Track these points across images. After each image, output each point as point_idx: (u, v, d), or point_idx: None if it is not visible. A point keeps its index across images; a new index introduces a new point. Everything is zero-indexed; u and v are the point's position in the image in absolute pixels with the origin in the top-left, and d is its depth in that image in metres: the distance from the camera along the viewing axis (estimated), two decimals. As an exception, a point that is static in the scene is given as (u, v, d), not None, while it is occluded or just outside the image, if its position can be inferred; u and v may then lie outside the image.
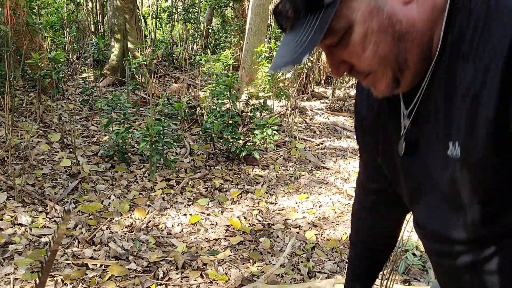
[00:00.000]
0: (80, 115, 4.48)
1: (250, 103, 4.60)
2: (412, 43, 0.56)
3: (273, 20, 8.09)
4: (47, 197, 2.76)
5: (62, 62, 4.56)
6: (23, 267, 2.02)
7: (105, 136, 3.93)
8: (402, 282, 2.23)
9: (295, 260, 2.38)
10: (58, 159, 3.32)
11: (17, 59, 4.43)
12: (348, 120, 5.88)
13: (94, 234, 2.43)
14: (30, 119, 3.99)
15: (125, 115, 3.61)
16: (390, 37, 0.55)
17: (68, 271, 2.05)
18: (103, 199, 2.86)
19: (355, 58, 0.58)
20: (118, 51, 6.27)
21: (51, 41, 6.64)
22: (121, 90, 5.65)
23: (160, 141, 3.25)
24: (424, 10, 0.55)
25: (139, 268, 2.16)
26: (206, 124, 3.91)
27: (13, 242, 2.22)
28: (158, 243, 2.43)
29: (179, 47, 8.87)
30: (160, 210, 2.81)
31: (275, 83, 5.55)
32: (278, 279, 2.20)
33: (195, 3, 9.58)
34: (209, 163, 3.79)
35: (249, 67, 6.47)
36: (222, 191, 3.24)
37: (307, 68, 6.77)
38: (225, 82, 3.98)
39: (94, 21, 8.40)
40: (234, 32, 9.31)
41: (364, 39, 0.56)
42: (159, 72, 6.83)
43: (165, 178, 3.32)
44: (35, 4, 6.35)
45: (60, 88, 4.44)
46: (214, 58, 5.86)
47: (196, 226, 2.68)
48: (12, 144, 3.20)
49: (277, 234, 2.68)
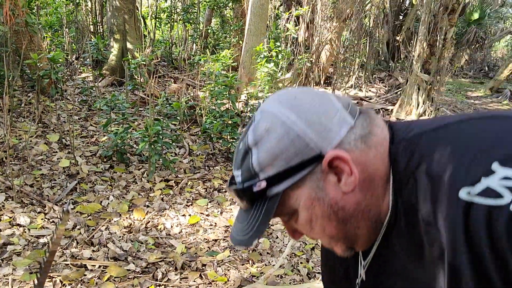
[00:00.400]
0: (79, 115, 4.47)
1: (249, 103, 4.59)
2: (359, 221, 0.60)
3: (272, 20, 8.09)
4: (46, 198, 2.75)
5: (61, 62, 4.55)
6: (22, 268, 2.02)
7: (104, 137, 3.92)
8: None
9: (295, 261, 2.38)
10: (56, 159, 3.31)
11: (16, 59, 4.42)
12: (348, 121, 5.88)
13: (92, 234, 2.42)
14: (29, 119, 3.98)
15: (124, 115, 3.60)
16: (335, 221, 0.59)
17: (66, 272, 2.05)
18: (102, 199, 2.86)
19: (306, 233, 0.63)
20: (117, 51, 6.26)
21: (50, 41, 6.63)
22: (120, 90, 5.64)
23: (159, 141, 3.25)
24: (367, 190, 0.58)
25: (138, 269, 2.16)
26: (205, 125, 3.90)
27: (12, 242, 2.21)
28: (157, 243, 2.43)
29: (178, 47, 8.87)
30: (159, 210, 2.81)
31: (275, 83, 5.54)
32: (278, 280, 2.19)
33: (194, 3, 9.57)
34: (208, 163, 3.78)
35: (248, 67, 6.47)
36: (221, 192, 3.24)
37: (306, 68, 6.77)
38: (225, 82, 3.97)
39: (93, 21, 8.40)
40: (233, 32, 9.31)
41: (310, 222, 0.60)
42: (158, 72, 6.82)
43: (164, 178, 3.31)
44: (34, 4, 6.35)
45: (59, 88, 4.43)
46: (213, 58, 5.85)
47: (195, 226, 2.67)
48: (11, 144, 3.19)
49: (276, 234, 2.68)
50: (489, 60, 17.48)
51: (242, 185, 0.60)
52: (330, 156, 0.56)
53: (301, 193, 0.58)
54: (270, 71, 5.45)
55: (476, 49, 14.23)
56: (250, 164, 0.58)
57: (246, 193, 0.60)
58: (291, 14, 6.69)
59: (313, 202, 0.58)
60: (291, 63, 6.91)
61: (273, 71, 5.47)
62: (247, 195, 0.60)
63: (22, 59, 4.06)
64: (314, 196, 0.58)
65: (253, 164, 0.58)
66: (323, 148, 0.56)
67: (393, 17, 11.41)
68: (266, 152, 0.57)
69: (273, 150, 0.57)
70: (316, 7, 7.48)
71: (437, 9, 5.76)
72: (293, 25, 6.46)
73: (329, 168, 0.57)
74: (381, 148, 0.58)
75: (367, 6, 9.52)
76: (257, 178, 0.58)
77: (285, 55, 5.94)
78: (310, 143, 0.56)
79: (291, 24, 6.45)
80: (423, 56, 5.94)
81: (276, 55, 5.71)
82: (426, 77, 5.90)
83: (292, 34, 6.36)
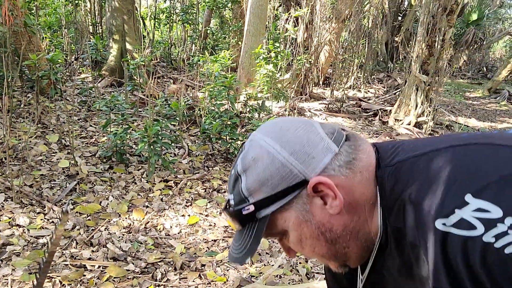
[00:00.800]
0: (78, 116, 4.47)
1: (248, 104, 4.60)
2: (348, 242, 0.64)
3: (271, 21, 8.10)
4: (45, 198, 2.75)
5: (60, 63, 4.55)
6: (21, 268, 2.02)
7: (103, 137, 3.92)
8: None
9: (294, 261, 2.39)
10: (56, 160, 3.32)
11: (15, 60, 4.42)
12: (346, 121, 5.89)
13: (92, 235, 2.42)
14: (28, 120, 3.98)
15: (123, 116, 3.60)
16: (324, 241, 0.64)
17: (66, 272, 2.05)
18: (101, 200, 2.86)
19: (299, 251, 0.68)
20: (117, 52, 6.26)
21: (49, 42, 6.63)
22: (119, 91, 5.64)
23: (158, 142, 3.25)
24: (354, 212, 0.62)
25: (137, 269, 2.16)
26: (204, 125, 3.91)
27: (11, 243, 2.21)
28: (156, 244, 2.43)
29: (177, 48, 8.88)
30: (158, 211, 2.81)
31: (274, 84, 5.55)
32: (277, 280, 2.20)
33: (193, 4, 9.58)
34: (207, 164, 3.79)
35: (247, 68, 6.47)
36: (220, 192, 3.24)
37: (305, 69, 6.77)
38: (224, 83, 3.98)
39: (92, 22, 8.40)
40: (232, 33, 9.32)
41: (300, 242, 0.65)
42: (157, 73, 6.83)
43: (164, 179, 3.31)
44: (33, 5, 6.35)
45: (58, 89, 4.44)
46: (212, 59, 5.86)
47: (194, 227, 2.67)
48: (10, 145, 3.20)
49: (275, 235, 2.68)
50: (488, 61, 17.51)
51: (233, 208, 0.65)
52: (314, 182, 0.60)
53: (289, 216, 0.63)
54: (269, 72, 5.46)
55: (475, 50, 14.26)
56: (240, 189, 0.64)
57: (238, 215, 0.65)
58: (290, 15, 6.70)
59: (301, 223, 0.63)
60: (290, 63, 6.91)
61: (272, 72, 5.48)
62: (238, 217, 0.65)
63: (21, 60, 4.06)
64: (301, 218, 0.63)
65: (242, 190, 0.64)
66: (307, 174, 0.61)
67: (392, 18, 11.43)
68: (254, 179, 0.62)
69: (260, 177, 0.62)
70: (315, 8, 7.49)
71: (436, 10, 5.77)
72: (292, 26, 6.47)
73: (314, 192, 0.61)
74: (366, 173, 0.62)
75: (366, 7, 9.55)
76: (246, 202, 0.63)
77: (284, 56, 5.95)
78: (294, 170, 0.61)
79: (290, 25, 6.46)
80: (421, 57, 5.95)
81: (276, 56, 5.72)
82: (424, 78, 5.91)
83: (291, 35, 6.36)
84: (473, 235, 0.49)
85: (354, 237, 0.64)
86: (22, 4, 4.12)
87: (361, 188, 0.62)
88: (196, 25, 9.44)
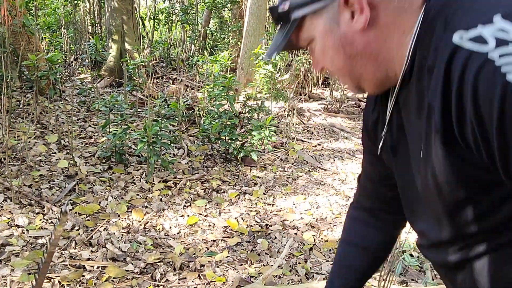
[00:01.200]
0: (78, 116, 4.47)
1: (248, 104, 4.60)
2: (366, 62, 0.65)
3: (270, 21, 8.10)
4: (44, 199, 2.75)
5: (59, 63, 4.55)
6: (20, 269, 2.02)
7: (102, 137, 3.92)
8: (400, 283, 2.23)
9: (293, 261, 2.39)
10: (55, 160, 3.31)
11: (14, 60, 4.42)
12: (346, 121, 5.89)
13: (91, 235, 2.42)
14: (27, 120, 3.98)
15: (122, 116, 3.60)
16: (342, 55, 0.66)
17: (65, 272, 2.05)
18: (101, 200, 2.86)
19: (321, 62, 0.71)
20: (116, 52, 6.26)
21: (49, 42, 6.63)
22: (118, 91, 5.64)
23: (157, 142, 3.25)
24: (380, 34, 0.62)
25: (137, 269, 2.16)
26: (204, 125, 3.91)
27: (10, 243, 2.21)
28: (155, 244, 2.43)
29: (176, 48, 8.88)
30: (157, 211, 2.81)
31: (273, 84, 5.55)
32: (276, 280, 2.20)
33: (192, 4, 9.58)
34: (206, 164, 3.79)
35: (246, 69, 6.47)
36: (219, 192, 3.24)
37: (304, 69, 6.78)
38: (223, 83, 3.98)
39: (91, 22, 8.40)
40: (231, 33, 9.32)
41: (322, 51, 0.68)
42: (156, 73, 6.82)
43: (163, 179, 3.31)
44: (32, 5, 6.34)
45: (57, 89, 4.44)
46: (211, 59, 5.85)
47: (193, 227, 2.67)
48: (9, 145, 3.19)
49: (274, 235, 2.68)
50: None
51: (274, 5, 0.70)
52: None
53: (318, 23, 0.65)
54: (268, 73, 5.46)
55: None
56: None
57: (274, 12, 0.69)
58: (290, 15, 6.68)
59: (326, 32, 0.65)
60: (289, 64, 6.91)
61: (271, 73, 5.48)
62: (275, 14, 0.69)
63: (20, 60, 4.05)
64: (328, 27, 0.65)
65: None
66: None
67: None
68: None
69: None
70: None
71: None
72: (291, 26, 6.45)
73: (345, 5, 0.62)
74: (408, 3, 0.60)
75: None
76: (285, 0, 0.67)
77: (283, 56, 5.95)
78: None
79: (289, 25, 6.45)
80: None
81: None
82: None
83: (290, 35, 6.35)
84: (481, 50, 0.47)
85: (373, 59, 0.64)
86: (21, 4, 4.11)
87: (395, 13, 0.61)
88: (195, 25, 9.44)
